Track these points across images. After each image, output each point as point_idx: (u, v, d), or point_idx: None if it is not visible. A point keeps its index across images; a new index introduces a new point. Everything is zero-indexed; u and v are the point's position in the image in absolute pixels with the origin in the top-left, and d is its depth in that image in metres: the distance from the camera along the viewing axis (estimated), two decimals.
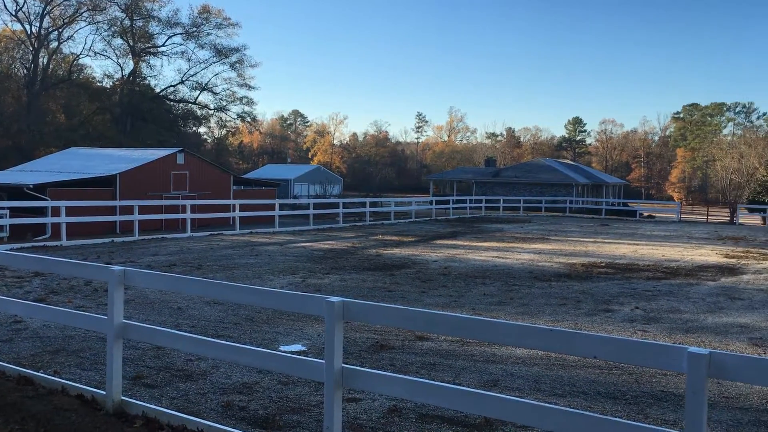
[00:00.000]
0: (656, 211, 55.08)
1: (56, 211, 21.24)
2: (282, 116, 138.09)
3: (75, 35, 69.92)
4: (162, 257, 16.21)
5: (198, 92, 67.24)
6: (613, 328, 9.34)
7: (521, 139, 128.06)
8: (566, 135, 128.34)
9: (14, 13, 58.15)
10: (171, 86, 67.29)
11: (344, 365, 4.57)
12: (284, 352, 6.26)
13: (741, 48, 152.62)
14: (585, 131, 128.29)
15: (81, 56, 64.08)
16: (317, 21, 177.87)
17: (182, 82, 66.55)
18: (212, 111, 69.13)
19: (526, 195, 55.07)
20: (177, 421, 5.18)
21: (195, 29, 64.35)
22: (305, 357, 5.92)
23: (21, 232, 24.39)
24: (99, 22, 61.04)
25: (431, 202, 39.23)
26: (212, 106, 68.67)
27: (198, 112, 69.23)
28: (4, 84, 57.84)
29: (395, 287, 12.42)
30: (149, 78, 67.20)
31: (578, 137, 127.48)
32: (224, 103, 68.09)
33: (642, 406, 6.13)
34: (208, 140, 78.69)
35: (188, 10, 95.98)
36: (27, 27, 59.49)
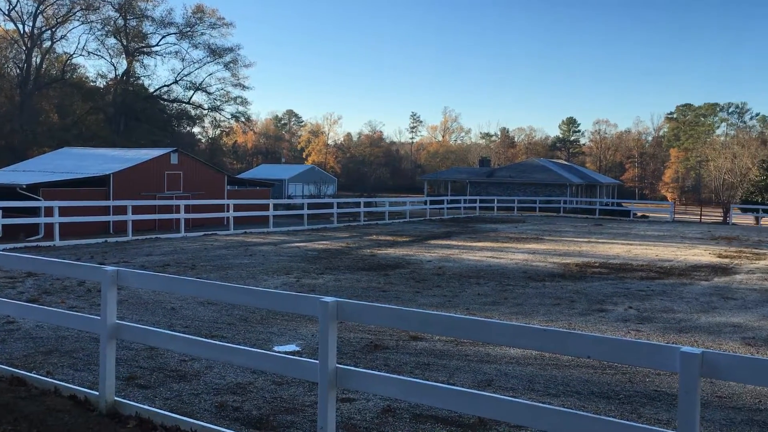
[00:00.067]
0: (650, 211, 55.26)
1: (49, 211, 21.18)
2: (276, 116, 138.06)
3: (68, 35, 69.43)
4: (156, 257, 16.17)
5: (192, 92, 67.12)
6: (607, 328, 9.36)
7: (515, 139, 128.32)
8: (560, 135, 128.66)
9: (7, 13, 57.96)
10: (165, 86, 67.16)
11: (338, 365, 4.57)
12: (278, 353, 6.25)
13: (734, 49, 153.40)
14: (579, 131, 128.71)
15: (74, 56, 64.05)
16: (311, 21, 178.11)
17: (176, 82, 66.42)
18: (206, 111, 68.98)
19: (521, 195, 55.14)
20: (170, 422, 5.16)
21: (189, 29, 64.21)
22: (299, 357, 5.91)
23: (14, 233, 24.26)
24: (92, 22, 60.91)
25: (425, 202, 39.24)
26: (206, 106, 68.52)
27: (192, 112, 69.09)
28: None
29: (389, 287, 12.43)
30: (143, 78, 67.09)
31: (572, 137, 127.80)
32: (218, 103, 67.96)
33: (635, 406, 6.14)
34: (202, 140, 78.45)
35: (182, 10, 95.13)
36: (20, 26, 59.37)
